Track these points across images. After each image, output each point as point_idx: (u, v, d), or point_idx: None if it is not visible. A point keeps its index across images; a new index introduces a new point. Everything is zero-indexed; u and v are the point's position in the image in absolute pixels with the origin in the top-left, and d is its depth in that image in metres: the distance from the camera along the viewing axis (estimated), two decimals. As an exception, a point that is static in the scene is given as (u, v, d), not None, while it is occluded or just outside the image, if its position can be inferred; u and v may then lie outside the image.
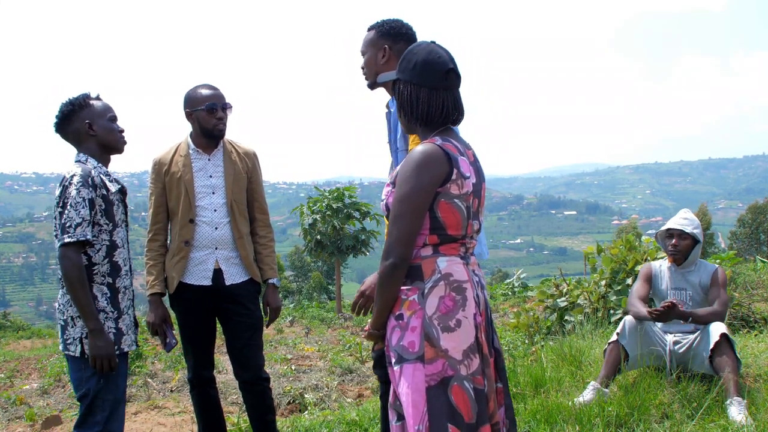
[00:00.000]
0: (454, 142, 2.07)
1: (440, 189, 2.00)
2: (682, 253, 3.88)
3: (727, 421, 3.14)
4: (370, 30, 2.71)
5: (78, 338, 2.55)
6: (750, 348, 4.30)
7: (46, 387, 6.43)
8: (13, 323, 21.03)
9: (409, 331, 2.00)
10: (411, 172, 1.98)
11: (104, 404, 2.56)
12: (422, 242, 2.04)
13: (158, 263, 3.18)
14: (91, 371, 2.55)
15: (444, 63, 2.07)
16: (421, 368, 1.97)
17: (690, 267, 3.93)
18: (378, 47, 2.66)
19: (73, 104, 2.64)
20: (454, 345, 1.97)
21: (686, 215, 3.98)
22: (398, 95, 2.13)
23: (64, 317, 2.59)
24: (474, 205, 2.09)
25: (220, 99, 3.13)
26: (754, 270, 7.35)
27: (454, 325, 1.98)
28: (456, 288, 2.01)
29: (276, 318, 3.38)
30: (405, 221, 1.98)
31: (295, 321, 13.80)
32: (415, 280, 2.03)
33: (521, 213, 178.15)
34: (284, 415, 4.91)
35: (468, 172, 2.05)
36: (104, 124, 2.67)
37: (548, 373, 4.07)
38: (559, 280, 6.66)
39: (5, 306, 69.14)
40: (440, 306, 1.99)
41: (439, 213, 2.01)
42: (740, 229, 37.98)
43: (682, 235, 3.88)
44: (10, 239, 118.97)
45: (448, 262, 2.03)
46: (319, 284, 36.14)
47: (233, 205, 3.18)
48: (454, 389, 1.96)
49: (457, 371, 1.97)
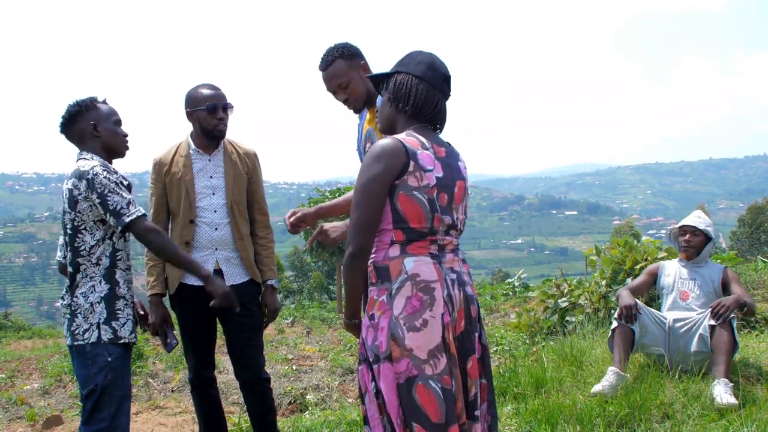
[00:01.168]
0: (419, 137, 2.11)
1: (398, 181, 2.04)
2: (695, 248, 4.07)
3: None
4: (332, 62, 2.73)
5: (96, 323, 2.58)
6: (750, 348, 4.30)
7: (47, 387, 6.43)
8: (14, 323, 21.07)
9: (379, 331, 2.05)
10: (368, 164, 2.05)
11: (111, 400, 2.56)
12: (389, 240, 2.08)
13: (158, 263, 3.18)
14: (99, 367, 2.56)
15: (445, 70, 2.20)
16: (390, 367, 2.01)
17: (701, 263, 4.11)
18: (356, 67, 2.75)
19: (80, 105, 2.69)
20: (418, 344, 1.99)
21: (700, 215, 4.18)
22: (395, 85, 2.16)
23: (72, 309, 2.60)
24: (442, 199, 2.09)
25: (221, 99, 3.13)
26: (754, 270, 7.34)
27: (420, 324, 2.00)
28: (423, 288, 2.03)
29: (274, 319, 3.38)
30: (361, 210, 2.05)
31: (296, 321, 13.82)
32: (384, 281, 2.07)
33: (522, 213, 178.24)
34: (285, 415, 4.91)
35: (430, 165, 2.07)
36: (109, 127, 2.72)
37: (549, 373, 4.07)
38: (560, 280, 6.66)
39: (6, 306, 69.17)
40: (407, 306, 2.02)
41: (399, 205, 2.04)
42: (740, 229, 37.96)
43: (695, 231, 4.07)
44: (11, 239, 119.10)
45: (416, 263, 2.05)
46: (320, 284, 36.14)
47: (233, 206, 3.18)
48: (419, 388, 1.98)
49: (422, 371, 1.98)
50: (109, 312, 2.62)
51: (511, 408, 3.72)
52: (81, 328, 2.59)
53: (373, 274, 2.11)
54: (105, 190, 2.54)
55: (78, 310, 2.60)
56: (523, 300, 12.88)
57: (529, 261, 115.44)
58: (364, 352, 2.11)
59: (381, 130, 2.26)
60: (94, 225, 2.61)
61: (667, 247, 6.14)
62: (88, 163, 2.60)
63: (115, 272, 2.66)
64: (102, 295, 2.61)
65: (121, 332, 2.63)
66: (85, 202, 2.56)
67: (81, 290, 2.61)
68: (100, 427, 2.54)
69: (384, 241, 2.08)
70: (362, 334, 2.13)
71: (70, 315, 2.61)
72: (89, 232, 2.60)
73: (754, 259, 8.54)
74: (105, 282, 2.63)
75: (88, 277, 2.61)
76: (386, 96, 2.20)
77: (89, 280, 2.61)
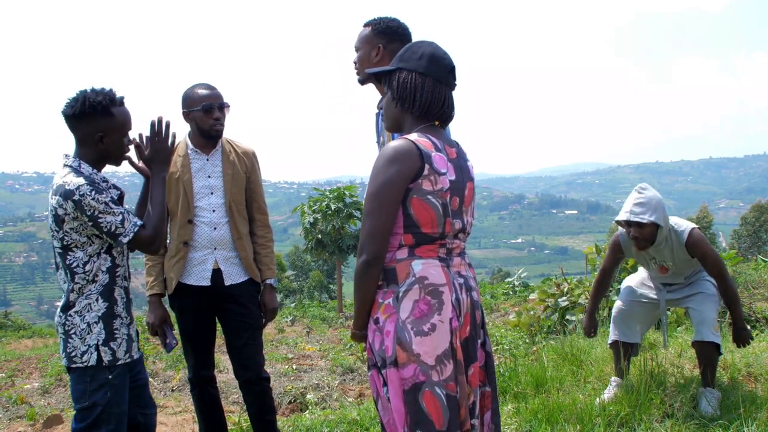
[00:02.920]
0: (432, 138, 2.02)
1: (412, 185, 1.95)
2: (646, 240, 3.46)
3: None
4: (366, 26, 2.68)
5: (94, 345, 2.44)
6: (751, 347, 4.29)
7: (47, 386, 6.43)
8: (14, 322, 21.04)
9: (385, 335, 1.98)
10: (381, 168, 1.96)
11: (110, 417, 2.45)
12: (398, 243, 2.00)
13: (157, 264, 3.17)
14: (99, 384, 2.44)
15: (449, 60, 2.09)
16: (396, 373, 1.95)
17: (660, 245, 3.51)
18: (372, 45, 2.64)
19: (93, 107, 2.39)
20: (426, 350, 1.92)
21: (640, 198, 3.43)
22: (398, 84, 2.07)
23: (66, 329, 2.45)
24: (454, 203, 2.03)
25: (217, 99, 3.11)
26: (755, 269, 7.34)
27: (428, 329, 1.93)
28: (431, 291, 1.96)
29: (273, 318, 3.37)
30: (376, 217, 1.95)
31: (296, 320, 13.81)
32: (390, 284, 2.00)
33: (522, 212, 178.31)
34: (285, 414, 4.91)
35: (444, 168, 1.99)
36: (116, 140, 2.47)
37: (549, 372, 4.07)
38: (560, 279, 6.66)
39: (6, 305, 69.21)
40: (414, 310, 1.95)
41: (411, 210, 1.97)
42: (743, 227, 37.95)
43: (639, 224, 3.43)
44: (11, 239, 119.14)
45: (424, 265, 1.98)
46: (320, 283, 36.15)
47: (232, 206, 3.17)
48: (426, 395, 1.92)
49: (429, 377, 1.92)
50: (107, 332, 2.46)
51: (512, 407, 3.72)
52: (78, 350, 2.43)
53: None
54: (95, 213, 2.34)
55: (73, 331, 2.43)
56: (523, 299, 12.88)
57: (530, 260, 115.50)
58: (373, 357, 2.04)
59: (387, 128, 2.19)
60: (87, 241, 2.41)
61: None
62: (73, 181, 2.35)
63: (114, 289, 2.49)
64: (100, 314, 2.45)
65: (119, 353, 2.49)
66: (74, 221, 2.37)
67: (76, 309, 2.44)
68: None
69: (392, 243, 2.00)
70: (368, 339, 2.05)
71: (65, 336, 2.44)
72: (81, 249, 2.41)
73: (754, 258, 8.53)
74: (103, 300, 2.46)
75: (83, 295, 2.44)
76: (390, 94, 2.10)
77: (84, 299, 2.44)
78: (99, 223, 2.36)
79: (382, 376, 2.01)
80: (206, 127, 3.10)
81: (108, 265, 2.47)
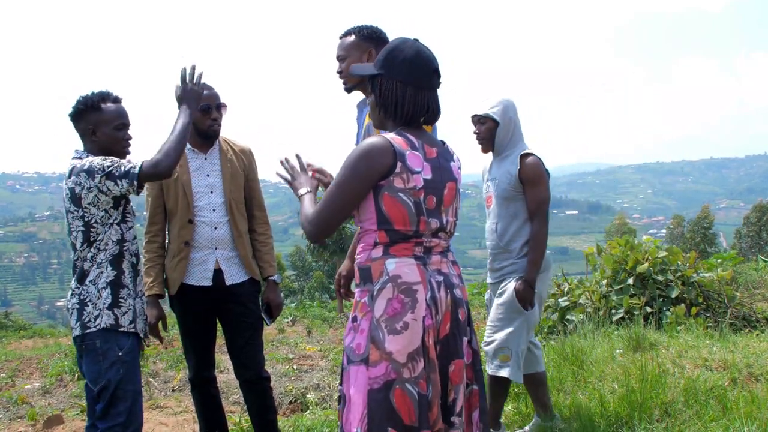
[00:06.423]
0: (409, 136, 2.02)
1: (383, 182, 1.98)
2: (485, 139, 3.26)
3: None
4: (347, 35, 2.73)
5: (101, 309, 2.57)
6: (751, 348, 4.30)
7: (47, 386, 6.43)
8: (15, 323, 21.08)
9: (359, 333, 2.01)
10: (352, 160, 1.99)
11: (126, 395, 2.55)
12: (373, 242, 2.02)
13: (156, 264, 3.17)
14: (110, 362, 2.55)
15: (432, 62, 2.06)
16: (365, 371, 1.96)
17: (505, 153, 3.27)
18: (362, 50, 2.68)
19: (84, 104, 2.64)
20: (398, 348, 1.94)
21: (490, 96, 3.28)
22: (380, 91, 2.07)
23: (81, 299, 2.58)
24: (429, 202, 2.02)
25: (214, 99, 3.11)
26: (755, 269, 7.35)
27: (400, 327, 1.95)
28: (405, 290, 1.98)
29: (278, 314, 3.38)
30: (332, 205, 2.01)
31: (297, 320, 13.80)
32: (366, 283, 2.03)
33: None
34: (286, 414, 4.91)
35: (418, 167, 2.00)
36: (108, 132, 2.66)
37: (550, 372, 4.07)
38: (561, 279, 6.65)
39: (7, 305, 69.28)
40: (388, 308, 1.97)
41: (383, 206, 1.99)
42: (746, 228, 37.93)
43: (480, 119, 3.25)
44: (11, 239, 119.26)
45: (397, 264, 2.00)
46: (321, 284, 36.15)
47: (231, 204, 3.17)
48: (396, 392, 1.93)
49: (400, 374, 1.93)
50: (113, 298, 2.60)
51: (512, 407, 3.72)
52: (92, 315, 2.56)
53: (357, 276, 2.07)
54: (104, 169, 2.51)
55: (88, 299, 2.58)
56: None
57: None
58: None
59: (375, 127, 2.21)
60: (105, 215, 2.58)
61: (668, 247, 6.14)
62: (81, 161, 2.58)
63: (122, 261, 2.64)
64: (108, 281, 2.60)
65: (122, 320, 2.61)
66: (89, 193, 2.52)
67: (90, 278, 2.59)
68: (117, 422, 2.53)
69: (368, 242, 2.03)
70: (344, 337, 2.08)
71: (80, 305, 2.58)
72: (100, 224, 2.58)
73: (755, 258, 8.53)
74: (111, 268, 2.61)
75: (96, 264, 2.59)
76: (373, 99, 2.12)
77: (97, 267, 2.59)
78: (111, 173, 2.51)
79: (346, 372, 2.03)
80: (204, 127, 3.11)
81: (117, 237, 2.63)
